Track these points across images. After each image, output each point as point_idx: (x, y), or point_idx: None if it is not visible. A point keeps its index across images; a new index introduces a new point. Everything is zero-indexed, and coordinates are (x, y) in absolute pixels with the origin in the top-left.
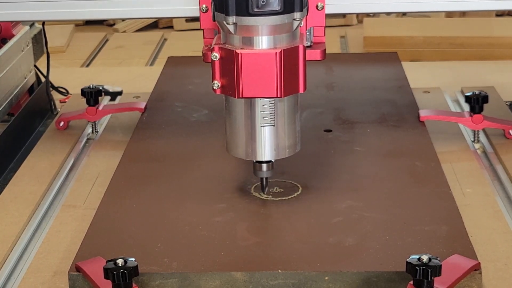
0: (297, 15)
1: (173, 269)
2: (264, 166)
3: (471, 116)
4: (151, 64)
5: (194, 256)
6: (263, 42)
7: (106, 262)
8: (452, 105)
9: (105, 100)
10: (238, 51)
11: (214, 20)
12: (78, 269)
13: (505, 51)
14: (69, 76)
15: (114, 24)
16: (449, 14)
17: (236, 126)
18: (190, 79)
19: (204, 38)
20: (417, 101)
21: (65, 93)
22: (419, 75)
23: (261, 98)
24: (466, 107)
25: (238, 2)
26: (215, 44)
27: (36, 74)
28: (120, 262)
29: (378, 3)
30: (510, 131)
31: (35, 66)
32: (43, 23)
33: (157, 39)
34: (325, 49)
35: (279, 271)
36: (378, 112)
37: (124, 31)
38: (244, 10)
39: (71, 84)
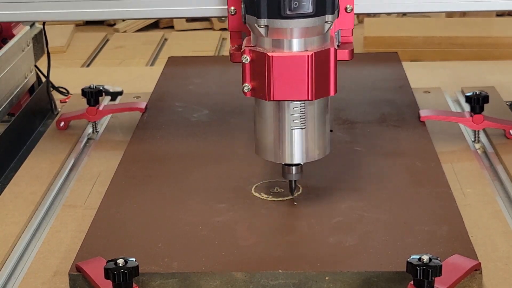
0: (328, 17)
1: (174, 269)
2: (293, 169)
3: (471, 116)
4: (152, 64)
5: (194, 256)
6: (294, 44)
7: (107, 262)
8: (452, 105)
9: (105, 100)
10: (270, 53)
11: (244, 23)
12: (78, 269)
13: (505, 51)
14: (69, 76)
15: (114, 24)
16: (449, 14)
17: (266, 128)
18: (191, 79)
19: (231, 39)
20: (418, 101)
21: (66, 93)
22: (419, 75)
23: (292, 101)
24: (467, 107)
25: (270, 5)
26: (245, 46)
27: (37, 74)
28: (120, 262)
29: (378, 4)
30: (510, 131)
31: (35, 66)
32: (44, 23)
33: (157, 39)
34: (353, 49)
35: (280, 271)
36: (378, 112)
37: (125, 31)
38: (276, 12)
39: (72, 84)
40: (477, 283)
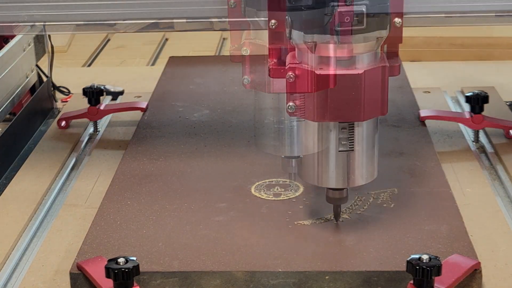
0: (382, 33)
1: (174, 268)
2: (337, 193)
3: (471, 116)
4: (152, 64)
5: (195, 255)
6: (345, 61)
7: (108, 261)
8: (452, 105)
9: (106, 100)
10: (317, 72)
11: (289, 38)
12: (79, 268)
13: (505, 51)
14: (70, 75)
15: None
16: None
17: (311, 151)
18: (191, 79)
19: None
20: (418, 101)
21: (67, 92)
22: (419, 75)
23: (340, 122)
24: (467, 107)
25: (319, 21)
26: (289, 63)
27: (38, 73)
28: (121, 261)
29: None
30: (510, 131)
31: (36, 65)
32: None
33: (158, 39)
34: (400, 64)
35: (280, 270)
36: None
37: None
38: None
39: (73, 84)
40: (476, 282)
